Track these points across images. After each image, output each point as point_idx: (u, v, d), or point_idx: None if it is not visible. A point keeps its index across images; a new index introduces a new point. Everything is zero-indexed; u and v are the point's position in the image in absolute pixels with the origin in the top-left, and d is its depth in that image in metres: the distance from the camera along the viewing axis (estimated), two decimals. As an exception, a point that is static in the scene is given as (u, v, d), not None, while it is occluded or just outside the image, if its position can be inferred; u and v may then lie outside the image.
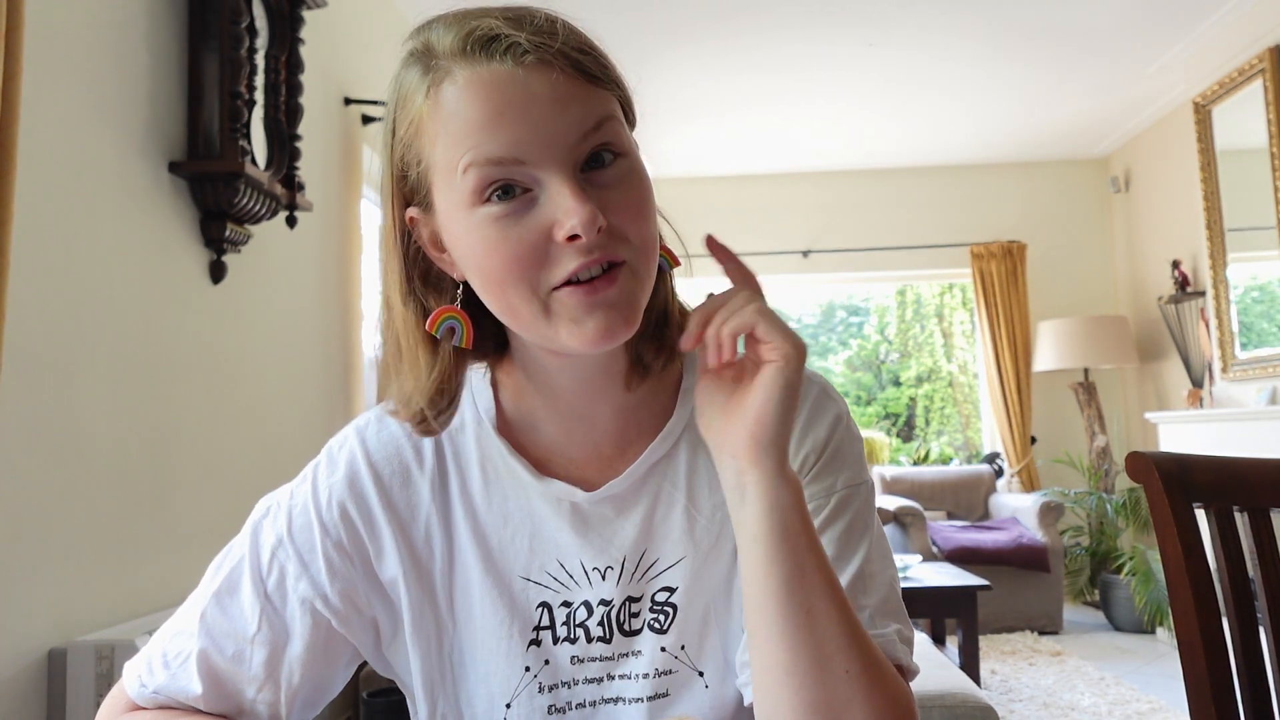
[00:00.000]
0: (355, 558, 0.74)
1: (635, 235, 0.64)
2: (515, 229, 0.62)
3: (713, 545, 0.74)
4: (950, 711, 1.99)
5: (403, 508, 0.74)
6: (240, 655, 0.72)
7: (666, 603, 0.73)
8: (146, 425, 2.05)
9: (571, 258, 0.62)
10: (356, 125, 3.42)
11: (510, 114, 0.61)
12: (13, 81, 1.47)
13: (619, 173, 0.64)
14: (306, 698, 0.74)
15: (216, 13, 2.24)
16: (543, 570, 0.74)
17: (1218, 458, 1.05)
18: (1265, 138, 4.02)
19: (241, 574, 0.73)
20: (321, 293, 3.09)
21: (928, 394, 9.19)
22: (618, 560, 0.73)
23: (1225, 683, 0.97)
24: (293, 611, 0.72)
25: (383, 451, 0.75)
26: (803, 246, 6.21)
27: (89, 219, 1.88)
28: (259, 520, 0.75)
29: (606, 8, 3.89)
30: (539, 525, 0.74)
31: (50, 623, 1.74)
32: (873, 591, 0.71)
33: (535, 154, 0.61)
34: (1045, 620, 4.84)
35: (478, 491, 0.75)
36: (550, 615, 0.73)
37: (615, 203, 0.63)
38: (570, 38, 0.64)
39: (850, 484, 0.74)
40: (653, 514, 0.74)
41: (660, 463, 0.75)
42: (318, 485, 0.75)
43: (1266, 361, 4.20)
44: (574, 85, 0.62)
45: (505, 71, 0.61)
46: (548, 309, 0.64)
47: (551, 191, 0.62)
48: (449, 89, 0.63)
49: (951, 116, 5.38)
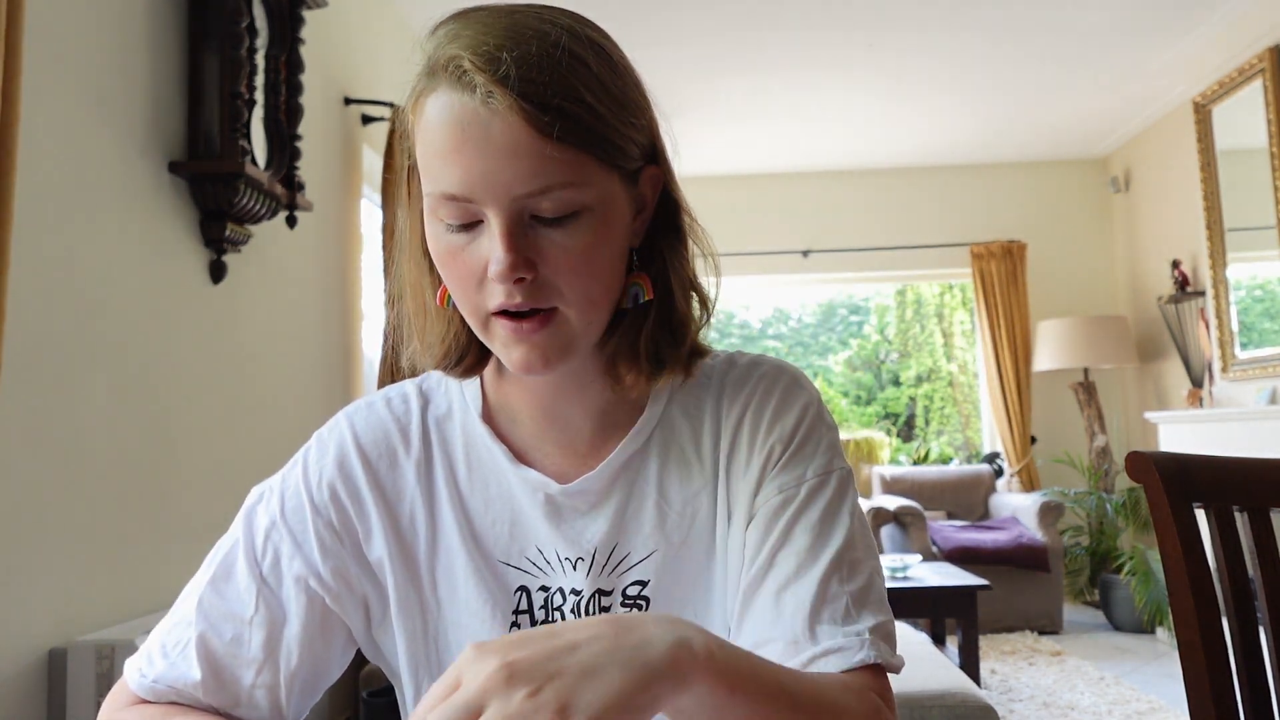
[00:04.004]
0: (345, 538, 0.75)
1: (569, 289, 0.65)
2: (463, 253, 0.66)
3: (684, 539, 0.75)
4: (950, 711, 1.99)
5: (389, 489, 0.76)
6: (239, 638, 0.73)
7: (639, 596, 0.74)
8: (146, 425, 2.05)
9: (499, 293, 0.65)
10: (356, 125, 3.42)
11: (466, 151, 0.63)
12: (13, 81, 1.47)
13: (567, 231, 0.65)
14: (305, 681, 0.75)
15: (216, 13, 2.24)
16: (522, 555, 0.75)
17: (1218, 458, 1.05)
18: (1265, 138, 4.02)
19: (236, 558, 0.75)
20: (321, 293, 3.09)
21: (928, 394, 9.20)
22: (588, 553, 0.74)
23: (1225, 683, 0.97)
24: (288, 591, 0.74)
25: (371, 435, 0.78)
26: (803, 246, 6.21)
27: (89, 219, 1.88)
28: (253, 506, 0.77)
29: (607, 8, 3.89)
30: (518, 511, 0.76)
31: (50, 623, 1.74)
32: (852, 578, 0.68)
33: (482, 195, 0.63)
34: (1045, 620, 4.84)
35: (462, 476, 0.77)
36: (529, 599, 0.75)
37: (554, 258, 0.65)
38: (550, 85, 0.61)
39: (820, 472, 0.73)
40: (624, 510, 0.75)
41: (633, 459, 0.76)
42: (308, 468, 0.77)
43: (1266, 361, 4.20)
44: (532, 140, 0.61)
45: (472, 107, 0.62)
46: (486, 328, 0.68)
47: (491, 230, 0.64)
48: (430, 105, 0.65)
49: (951, 116, 5.38)
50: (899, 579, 3.73)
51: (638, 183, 0.70)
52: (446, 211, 0.65)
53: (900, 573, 3.77)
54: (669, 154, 0.74)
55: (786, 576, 0.68)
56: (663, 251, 0.73)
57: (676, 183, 0.74)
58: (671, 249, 0.73)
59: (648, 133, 0.70)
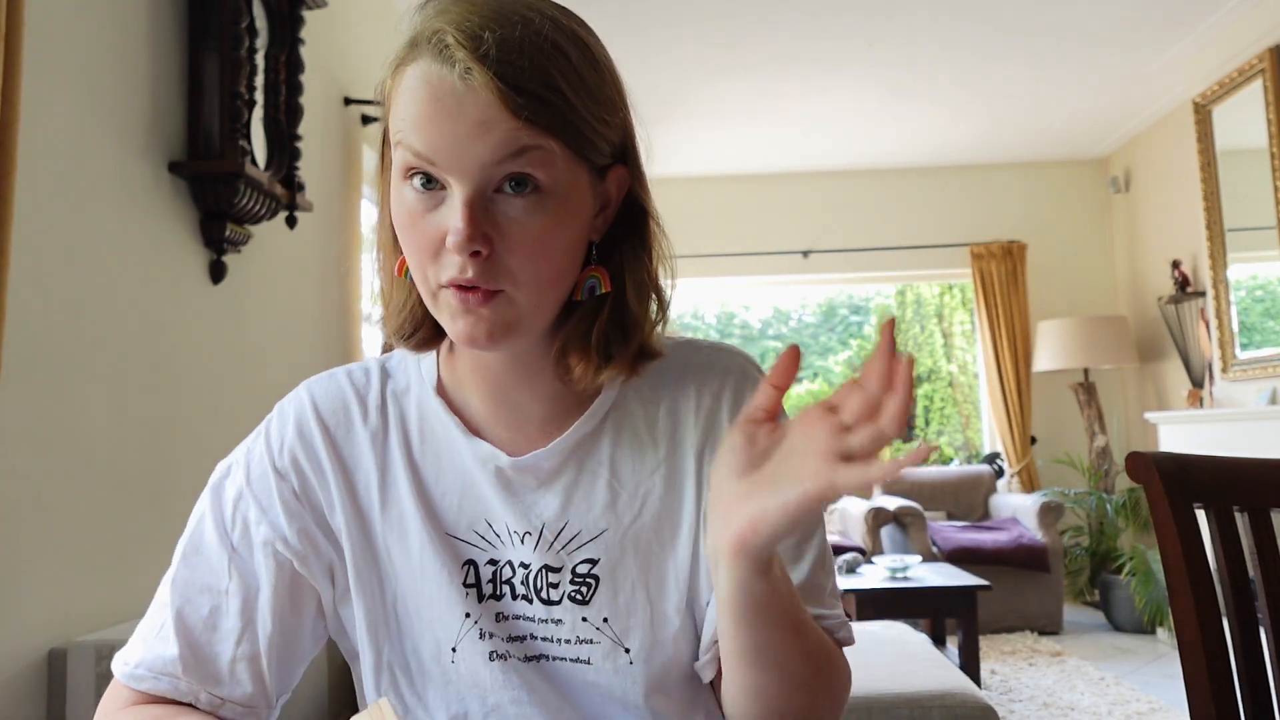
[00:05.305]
0: (308, 503, 0.77)
1: (521, 269, 0.66)
2: (423, 220, 0.67)
3: (635, 519, 0.76)
4: (950, 711, 1.99)
5: (347, 456, 0.78)
6: (216, 609, 0.74)
7: (589, 574, 0.75)
8: (146, 425, 2.05)
9: (453, 265, 0.66)
10: (356, 125, 3.42)
11: (438, 119, 0.64)
12: (13, 81, 1.47)
13: (525, 206, 0.65)
14: (280, 652, 0.76)
15: (216, 13, 2.24)
16: (470, 529, 0.77)
17: (1218, 458, 1.05)
18: (1265, 138, 4.02)
19: (206, 530, 0.77)
20: (321, 293, 3.09)
21: (928, 394, 9.19)
22: (537, 528, 0.76)
23: (1225, 683, 0.97)
24: (259, 558, 0.75)
25: (329, 403, 0.80)
26: (803, 246, 6.21)
27: (89, 219, 1.88)
28: (219, 480, 0.79)
29: (607, 8, 3.89)
30: (469, 484, 0.77)
31: (50, 623, 1.74)
32: (829, 572, 0.77)
33: (449, 163, 0.65)
34: (1045, 620, 4.83)
35: (416, 447, 0.78)
36: (476, 573, 0.76)
37: (510, 236, 0.65)
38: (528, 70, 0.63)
39: None
40: (574, 488, 0.76)
41: (585, 439, 0.77)
42: (270, 437, 0.79)
43: (1266, 361, 4.20)
44: (505, 116, 0.63)
45: (449, 80, 0.64)
46: (436, 299, 0.69)
47: (453, 200, 0.65)
48: (409, 73, 0.66)
49: (951, 116, 5.38)
50: (899, 579, 3.73)
51: (604, 179, 0.71)
52: (412, 171, 0.66)
53: (900, 573, 3.76)
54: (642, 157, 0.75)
55: None
56: (622, 250, 0.75)
57: (646, 184, 0.76)
58: (631, 249, 0.75)
59: (620, 132, 0.71)
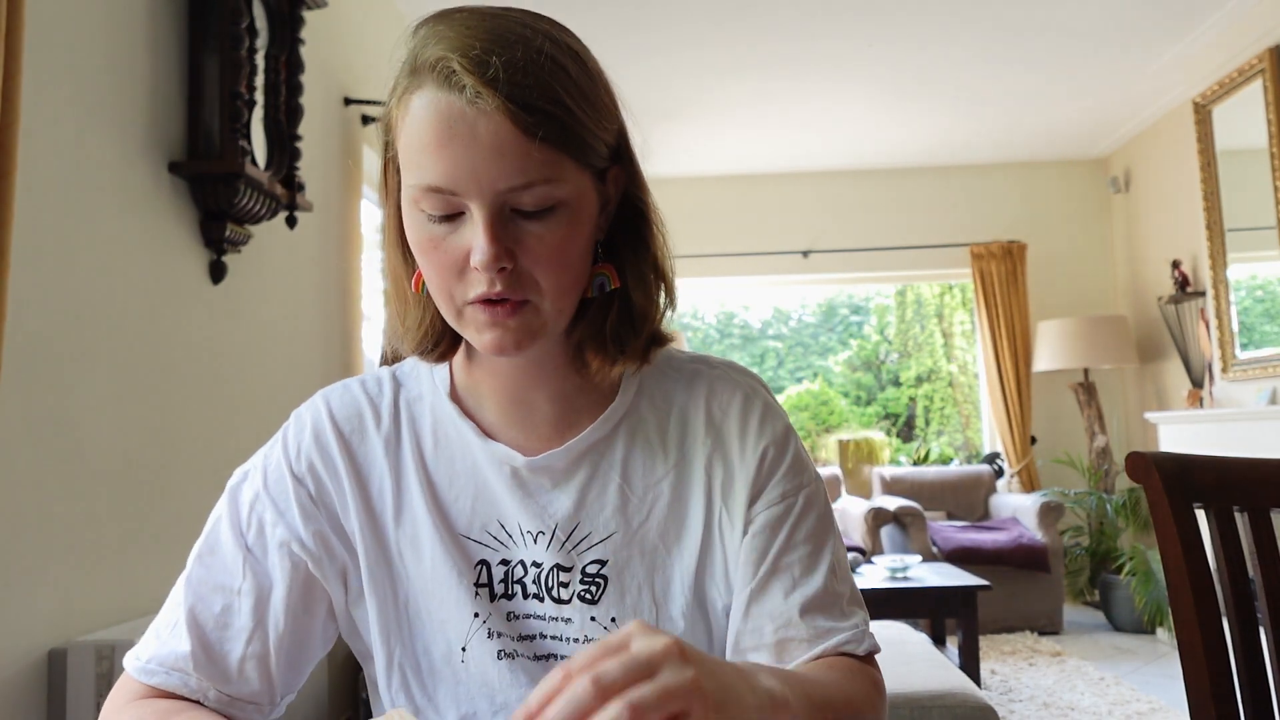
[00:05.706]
0: (324, 508, 0.79)
1: (545, 281, 0.70)
2: (444, 243, 0.69)
3: (643, 524, 0.79)
4: (950, 711, 1.99)
5: (361, 462, 0.81)
6: (229, 608, 0.76)
7: (598, 574, 0.78)
8: (146, 425, 2.05)
9: (480, 283, 0.69)
10: (356, 125, 3.42)
11: (452, 147, 0.66)
12: (13, 81, 1.47)
13: (545, 224, 0.69)
14: (290, 652, 0.77)
15: (216, 13, 2.24)
16: (483, 530, 0.79)
17: (1218, 458, 1.05)
18: (1265, 138, 4.02)
19: (222, 531, 0.79)
20: (321, 293, 3.09)
21: (928, 394, 9.19)
22: (550, 528, 0.78)
23: (1225, 683, 0.97)
24: (273, 558, 0.77)
25: (344, 411, 0.82)
26: (803, 246, 6.21)
27: (89, 219, 1.88)
28: (237, 484, 0.81)
29: (607, 8, 3.89)
30: (482, 486, 0.80)
31: (50, 623, 1.74)
32: (844, 578, 0.78)
33: (466, 188, 0.67)
34: (1045, 620, 4.84)
35: (429, 451, 0.81)
36: (489, 573, 0.78)
37: (532, 250, 0.69)
38: (534, 89, 0.65)
39: (813, 479, 0.81)
40: (587, 490, 0.79)
41: (598, 443, 0.80)
42: (287, 443, 0.81)
43: (1266, 362, 4.20)
44: (517, 139, 0.65)
45: (459, 106, 0.65)
46: (460, 315, 0.72)
47: (474, 221, 0.68)
48: (416, 101, 0.68)
49: (951, 116, 5.38)
50: (899, 579, 3.73)
51: (605, 180, 0.75)
52: (429, 203, 0.68)
53: (900, 573, 3.76)
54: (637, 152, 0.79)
55: (794, 579, 0.76)
56: (624, 245, 0.78)
57: (642, 179, 0.79)
58: (632, 243, 0.78)
59: (615, 134, 0.75)
